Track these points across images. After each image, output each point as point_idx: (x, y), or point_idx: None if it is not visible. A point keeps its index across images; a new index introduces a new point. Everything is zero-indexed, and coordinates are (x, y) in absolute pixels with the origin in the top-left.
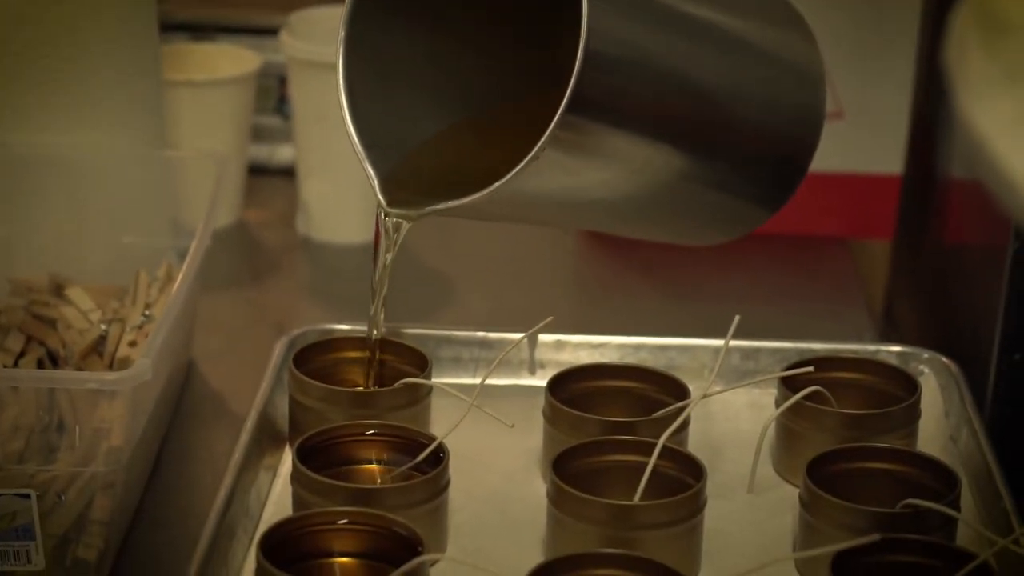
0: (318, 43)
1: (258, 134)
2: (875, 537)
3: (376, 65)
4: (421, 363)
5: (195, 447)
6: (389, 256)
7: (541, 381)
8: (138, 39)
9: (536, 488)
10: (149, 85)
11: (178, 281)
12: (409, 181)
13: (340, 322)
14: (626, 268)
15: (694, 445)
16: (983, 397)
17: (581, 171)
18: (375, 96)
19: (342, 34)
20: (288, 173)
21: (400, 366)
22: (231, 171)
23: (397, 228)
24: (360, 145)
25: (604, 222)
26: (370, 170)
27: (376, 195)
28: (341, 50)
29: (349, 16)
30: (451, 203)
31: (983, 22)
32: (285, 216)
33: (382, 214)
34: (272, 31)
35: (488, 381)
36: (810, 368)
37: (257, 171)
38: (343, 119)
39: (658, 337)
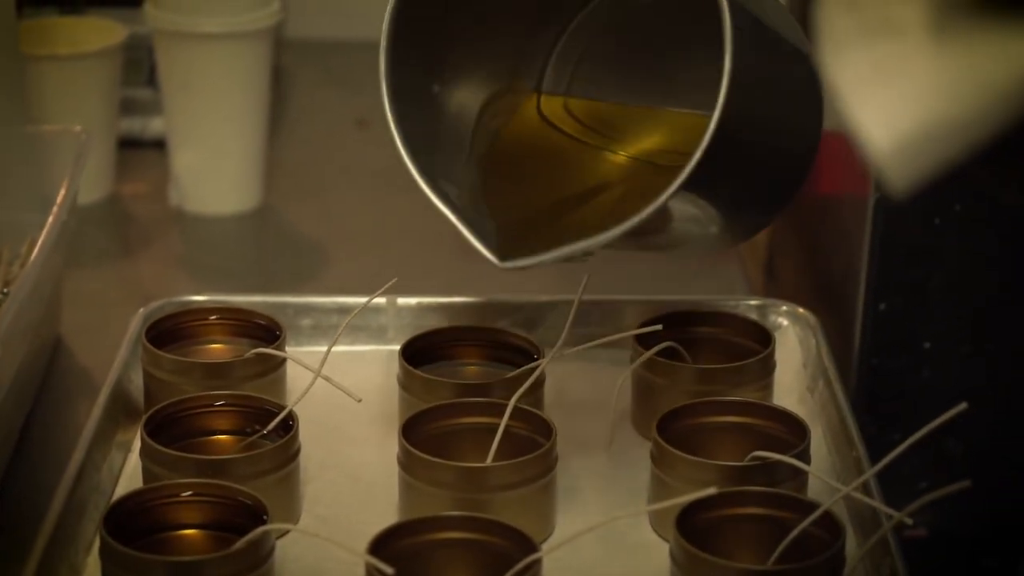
0: (182, 13)
1: (130, 107)
2: (712, 491)
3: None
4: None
5: (60, 423)
6: None
7: (398, 346)
8: None
9: (391, 454)
10: (7, 60)
11: (32, 256)
12: (515, 239)
13: (207, 293)
14: None
15: (551, 405)
16: (850, 348)
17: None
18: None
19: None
20: (161, 146)
21: None
22: (94, 145)
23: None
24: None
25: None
26: (474, 240)
27: (488, 256)
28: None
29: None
30: (564, 250)
31: None
32: (158, 189)
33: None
34: (139, 1)
35: (348, 348)
36: (659, 326)
37: (130, 144)
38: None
39: (515, 296)
